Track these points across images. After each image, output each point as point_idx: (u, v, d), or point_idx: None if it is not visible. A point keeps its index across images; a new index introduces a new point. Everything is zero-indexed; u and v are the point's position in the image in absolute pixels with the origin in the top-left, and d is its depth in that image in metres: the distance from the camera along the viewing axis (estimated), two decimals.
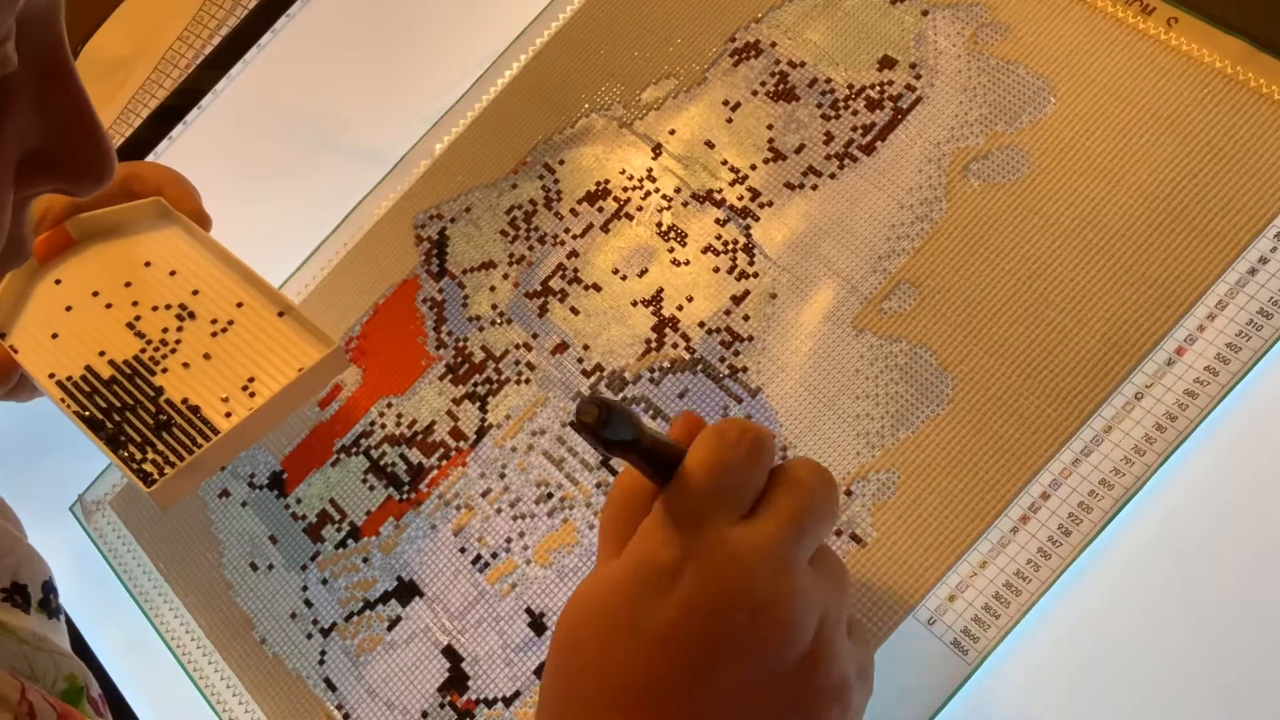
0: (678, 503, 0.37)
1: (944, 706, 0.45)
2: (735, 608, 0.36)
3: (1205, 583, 0.44)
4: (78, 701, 0.48)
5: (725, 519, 0.37)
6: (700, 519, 0.36)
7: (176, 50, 0.77)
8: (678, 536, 0.36)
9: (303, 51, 0.72)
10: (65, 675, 0.49)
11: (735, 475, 0.37)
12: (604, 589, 0.38)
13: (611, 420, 0.34)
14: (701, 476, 0.37)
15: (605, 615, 0.37)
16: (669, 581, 0.36)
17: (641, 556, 0.37)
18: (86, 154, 0.37)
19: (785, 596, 0.36)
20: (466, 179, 0.62)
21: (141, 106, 0.76)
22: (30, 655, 0.48)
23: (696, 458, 0.37)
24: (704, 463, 0.37)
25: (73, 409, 0.52)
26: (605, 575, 0.38)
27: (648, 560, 0.36)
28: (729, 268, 0.55)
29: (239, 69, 0.73)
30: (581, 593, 0.39)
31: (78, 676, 0.49)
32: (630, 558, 0.37)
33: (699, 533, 0.36)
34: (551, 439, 0.55)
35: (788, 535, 0.37)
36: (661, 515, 0.37)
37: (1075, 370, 0.48)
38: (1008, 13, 0.55)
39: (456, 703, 0.52)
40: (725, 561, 0.36)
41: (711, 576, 0.36)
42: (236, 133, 0.71)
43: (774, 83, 0.58)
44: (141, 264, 0.56)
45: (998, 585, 0.46)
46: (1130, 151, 0.50)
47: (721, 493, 0.37)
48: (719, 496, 0.37)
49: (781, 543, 0.37)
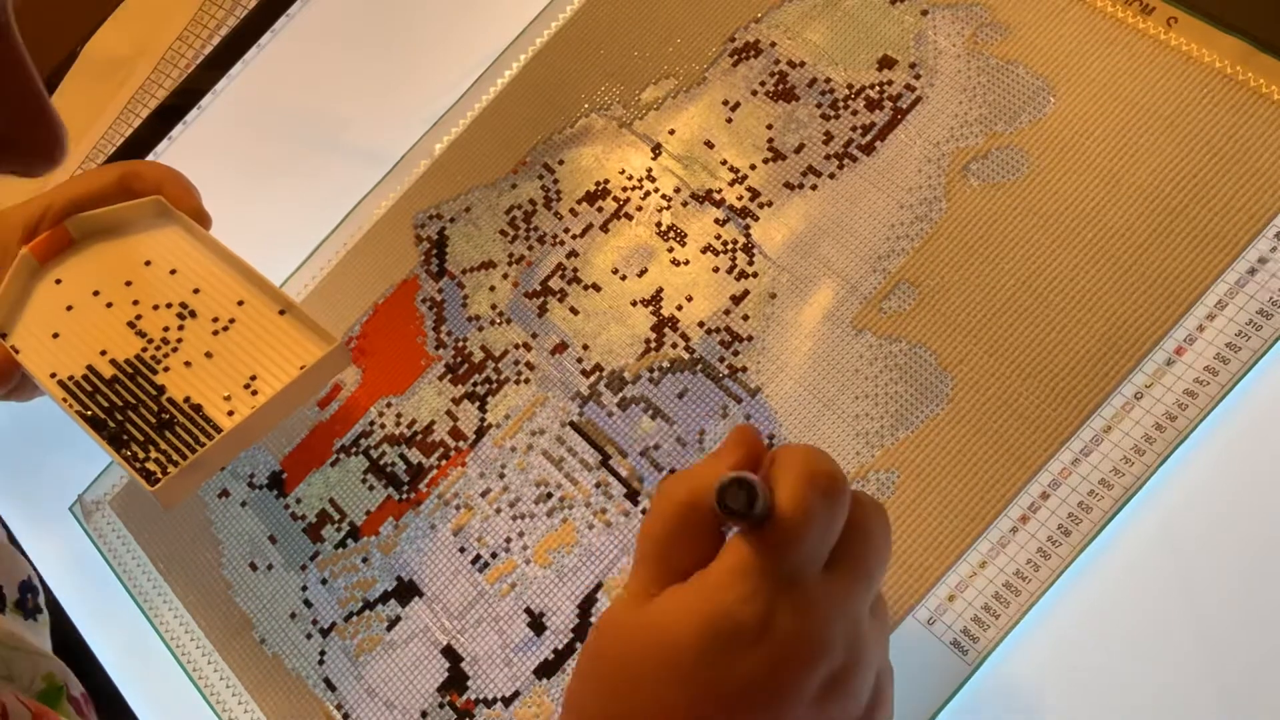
0: (765, 554, 0.34)
1: (944, 706, 0.45)
2: (813, 672, 0.35)
3: (1205, 583, 0.44)
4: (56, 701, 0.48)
5: (810, 574, 0.35)
6: (787, 574, 0.34)
7: (176, 50, 0.77)
8: (763, 592, 0.34)
9: (303, 51, 0.72)
10: (43, 675, 0.49)
11: (827, 530, 0.35)
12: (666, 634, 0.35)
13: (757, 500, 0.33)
14: (795, 530, 0.34)
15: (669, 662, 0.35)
16: (749, 640, 0.34)
17: (721, 609, 0.34)
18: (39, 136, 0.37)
19: (857, 661, 0.36)
20: (466, 179, 0.62)
21: (141, 106, 0.76)
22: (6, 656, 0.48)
23: (789, 509, 0.34)
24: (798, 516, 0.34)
25: (75, 409, 0.52)
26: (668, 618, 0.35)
27: (729, 614, 0.34)
28: (728, 267, 0.55)
29: (239, 69, 0.73)
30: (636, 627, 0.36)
31: (56, 676, 0.49)
32: (706, 607, 0.34)
33: (786, 589, 0.34)
34: (551, 439, 0.55)
35: (862, 591, 0.36)
36: (746, 564, 0.34)
37: (1075, 370, 0.48)
38: (1008, 13, 0.55)
39: (456, 702, 0.52)
40: (809, 625, 0.34)
41: (794, 640, 0.34)
42: (236, 133, 0.71)
43: (774, 83, 0.58)
44: (142, 263, 0.56)
45: (997, 585, 0.46)
46: (1130, 151, 0.50)
47: (813, 549, 0.35)
48: (810, 553, 0.35)
49: (858, 600, 0.36)
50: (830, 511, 0.35)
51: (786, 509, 0.34)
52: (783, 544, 0.34)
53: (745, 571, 0.34)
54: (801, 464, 0.36)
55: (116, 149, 0.75)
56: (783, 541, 0.34)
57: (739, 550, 0.35)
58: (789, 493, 0.35)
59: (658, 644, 0.35)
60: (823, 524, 0.35)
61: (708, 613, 0.34)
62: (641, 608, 0.36)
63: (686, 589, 0.35)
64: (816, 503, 0.35)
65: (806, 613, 0.34)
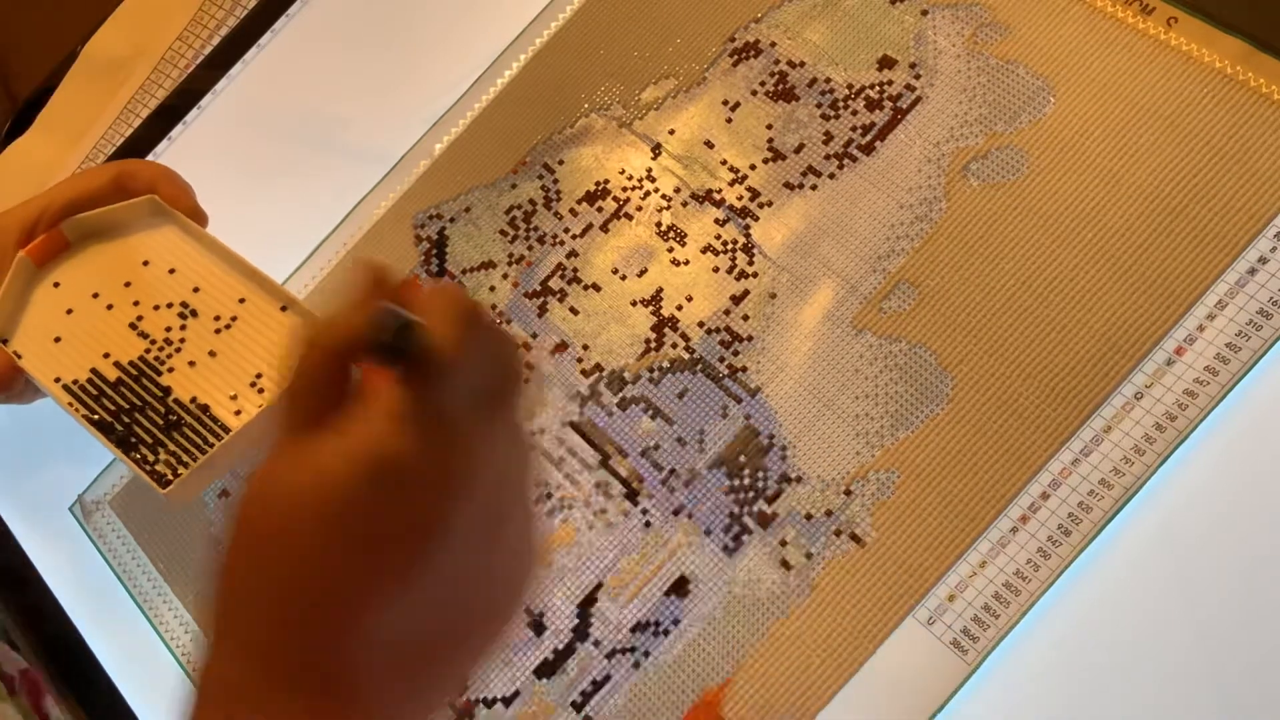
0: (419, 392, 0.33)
1: (944, 706, 0.45)
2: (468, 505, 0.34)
3: (1205, 583, 0.44)
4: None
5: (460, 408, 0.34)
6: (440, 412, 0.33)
7: (176, 50, 0.77)
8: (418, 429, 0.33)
9: (302, 51, 0.72)
10: None
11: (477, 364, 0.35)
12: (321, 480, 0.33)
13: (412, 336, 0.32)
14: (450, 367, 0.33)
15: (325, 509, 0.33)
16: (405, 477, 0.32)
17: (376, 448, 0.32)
18: None
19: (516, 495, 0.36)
20: (466, 179, 0.62)
21: (141, 106, 0.76)
22: None
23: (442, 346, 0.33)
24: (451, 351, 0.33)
25: (81, 413, 0.52)
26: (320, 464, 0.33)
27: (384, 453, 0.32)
28: (728, 267, 0.55)
29: (239, 69, 0.73)
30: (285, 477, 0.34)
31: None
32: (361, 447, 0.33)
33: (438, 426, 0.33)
34: (551, 439, 0.55)
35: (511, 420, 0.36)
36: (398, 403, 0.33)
37: (1075, 370, 0.48)
38: (1007, 13, 0.55)
39: (455, 703, 0.52)
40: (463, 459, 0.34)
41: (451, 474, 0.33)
42: (236, 133, 0.71)
43: (773, 83, 0.58)
44: (140, 263, 0.56)
45: (997, 585, 0.46)
46: (1130, 151, 0.50)
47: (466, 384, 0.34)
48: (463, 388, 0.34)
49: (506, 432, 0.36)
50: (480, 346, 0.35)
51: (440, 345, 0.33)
52: (436, 380, 0.33)
53: (397, 410, 0.33)
54: (448, 301, 0.35)
55: (116, 149, 0.75)
56: (436, 377, 0.33)
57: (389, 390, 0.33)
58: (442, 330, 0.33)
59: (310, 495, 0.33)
60: (474, 359, 0.34)
61: (361, 454, 0.32)
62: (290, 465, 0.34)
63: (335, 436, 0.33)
64: (468, 337, 0.34)
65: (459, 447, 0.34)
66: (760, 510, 0.50)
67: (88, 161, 0.76)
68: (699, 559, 0.50)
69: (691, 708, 0.48)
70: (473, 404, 0.34)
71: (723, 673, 0.48)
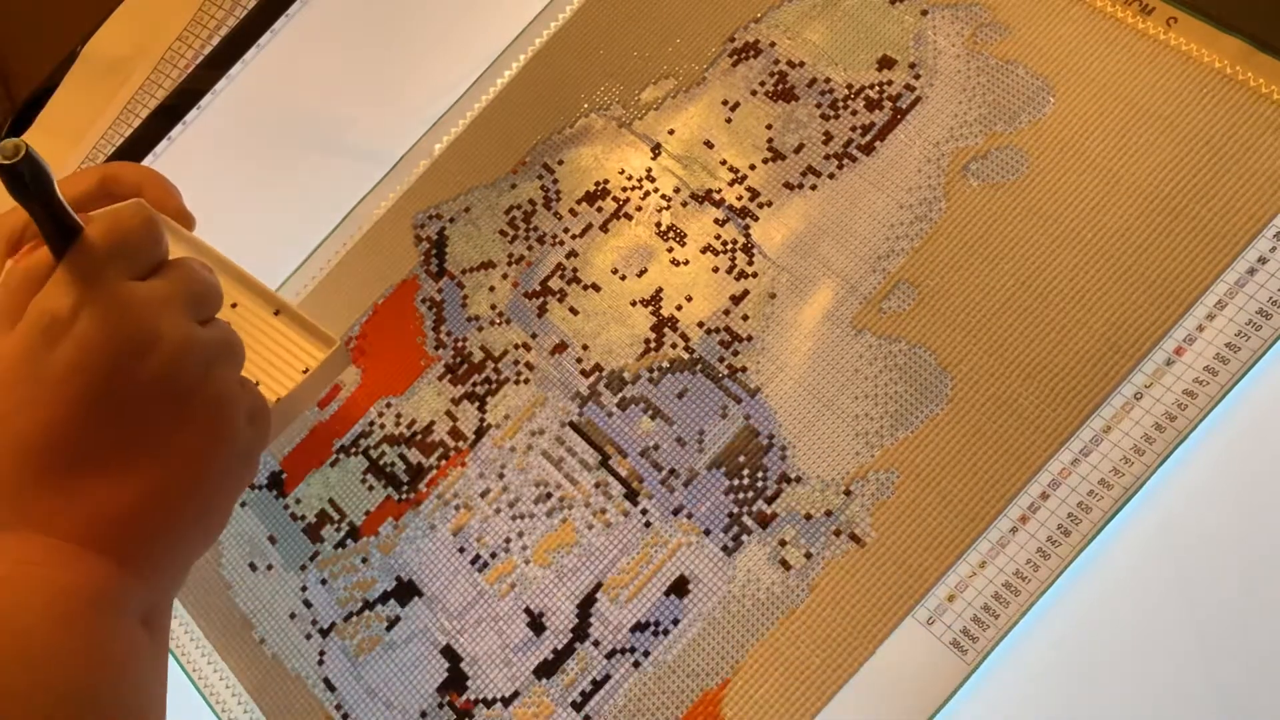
0: (76, 260, 0.39)
1: (944, 706, 0.45)
2: (126, 347, 0.39)
3: (1205, 583, 0.44)
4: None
5: (122, 276, 0.40)
6: (98, 274, 0.39)
7: (176, 50, 0.77)
8: (75, 287, 0.39)
9: (302, 51, 0.72)
10: None
11: (131, 239, 0.41)
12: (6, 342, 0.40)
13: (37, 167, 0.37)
14: (100, 238, 0.40)
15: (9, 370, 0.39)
16: (64, 327, 0.38)
17: (39, 309, 0.39)
18: None
19: (173, 339, 0.40)
20: (466, 179, 0.62)
21: (141, 106, 0.76)
22: None
23: (96, 225, 0.40)
24: (103, 228, 0.40)
25: None
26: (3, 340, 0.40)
27: (45, 310, 0.39)
28: (728, 267, 0.55)
29: (238, 69, 0.73)
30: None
31: None
32: (28, 314, 0.39)
33: (96, 285, 0.39)
34: (550, 439, 0.55)
35: (177, 293, 0.41)
36: (60, 272, 0.39)
37: (1075, 370, 0.48)
38: (1007, 13, 0.55)
39: (455, 703, 0.52)
40: (118, 307, 0.39)
41: (104, 319, 0.39)
42: (236, 133, 0.71)
43: (773, 83, 0.58)
44: None
45: (997, 585, 0.46)
46: (1130, 151, 0.50)
47: (119, 253, 0.40)
48: (117, 256, 0.40)
49: (172, 298, 0.41)
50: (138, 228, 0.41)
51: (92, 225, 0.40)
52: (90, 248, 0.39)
53: (57, 278, 0.39)
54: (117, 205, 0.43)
55: (116, 149, 0.75)
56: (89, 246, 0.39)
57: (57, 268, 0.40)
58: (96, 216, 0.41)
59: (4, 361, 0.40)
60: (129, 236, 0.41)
61: (29, 317, 0.39)
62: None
63: None
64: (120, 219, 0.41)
65: (114, 301, 0.39)
66: (760, 510, 0.50)
67: (88, 162, 0.76)
68: (699, 559, 0.50)
69: (691, 708, 0.48)
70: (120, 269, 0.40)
71: (723, 673, 0.48)
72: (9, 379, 0.39)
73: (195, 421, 0.41)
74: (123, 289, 0.40)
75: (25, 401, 0.39)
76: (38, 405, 0.39)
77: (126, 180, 0.56)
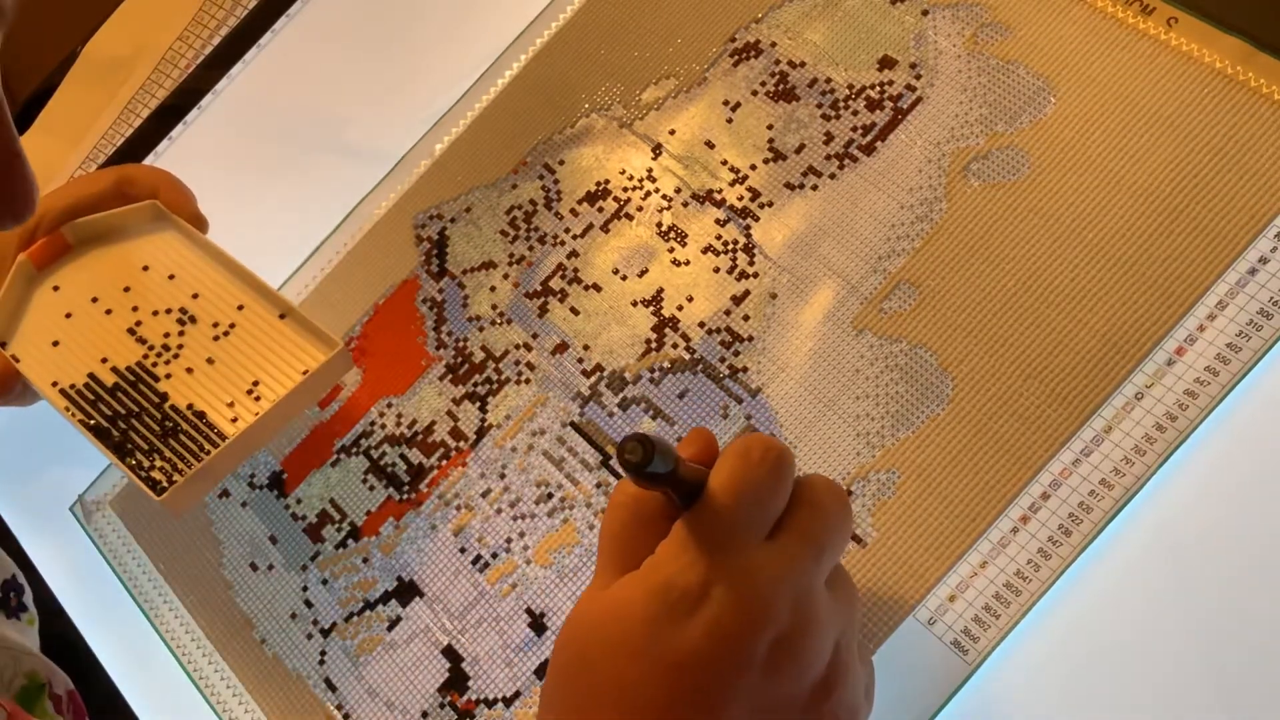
0: (702, 525, 0.36)
1: (944, 706, 0.45)
2: (758, 635, 0.35)
3: (1205, 583, 0.44)
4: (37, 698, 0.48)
5: (750, 542, 0.36)
6: (725, 543, 0.36)
7: (176, 50, 0.77)
8: (702, 560, 0.35)
9: (303, 51, 0.72)
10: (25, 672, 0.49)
11: (760, 497, 0.36)
12: (618, 610, 0.36)
13: (654, 457, 0.34)
14: (727, 499, 0.36)
15: (620, 638, 0.36)
16: (691, 606, 0.35)
17: (663, 580, 0.35)
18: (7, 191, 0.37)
19: (806, 625, 0.36)
20: (466, 179, 0.62)
21: (141, 106, 0.76)
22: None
23: (721, 480, 0.36)
24: (729, 485, 0.36)
25: (78, 418, 0.52)
26: (618, 596, 0.37)
27: (670, 584, 0.35)
28: (729, 268, 0.55)
29: (239, 69, 0.73)
30: (589, 611, 0.38)
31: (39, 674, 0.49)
32: (649, 580, 0.36)
33: (724, 557, 0.35)
34: (551, 439, 0.55)
35: (809, 558, 0.37)
36: (685, 538, 0.36)
37: (1075, 370, 0.48)
38: (1008, 13, 0.55)
39: (456, 703, 0.52)
40: (750, 588, 0.35)
41: (736, 603, 0.35)
42: (237, 133, 0.71)
43: (774, 83, 0.58)
44: (139, 268, 0.56)
45: (998, 585, 0.46)
46: (1130, 151, 0.50)
47: (747, 516, 0.36)
48: (745, 520, 0.36)
49: (804, 567, 0.36)
50: (763, 481, 0.36)
51: (719, 480, 0.36)
52: (717, 513, 0.36)
53: (683, 544, 0.36)
54: (738, 443, 0.37)
55: (116, 149, 0.75)
56: (716, 511, 0.36)
57: (678, 528, 0.36)
58: (723, 466, 0.37)
59: (610, 624, 0.36)
60: (753, 490, 0.36)
61: (650, 585, 0.36)
62: (597, 597, 0.38)
63: (636, 572, 0.37)
64: (747, 471, 0.36)
65: (745, 579, 0.35)
66: None
67: (88, 162, 0.76)
68: None
69: None
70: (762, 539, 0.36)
71: None
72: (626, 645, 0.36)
73: None
74: (754, 560, 0.36)
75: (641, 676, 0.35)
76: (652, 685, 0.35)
77: (142, 182, 0.57)
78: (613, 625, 0.36)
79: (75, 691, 0.52)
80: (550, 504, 0.53)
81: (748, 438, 0.37)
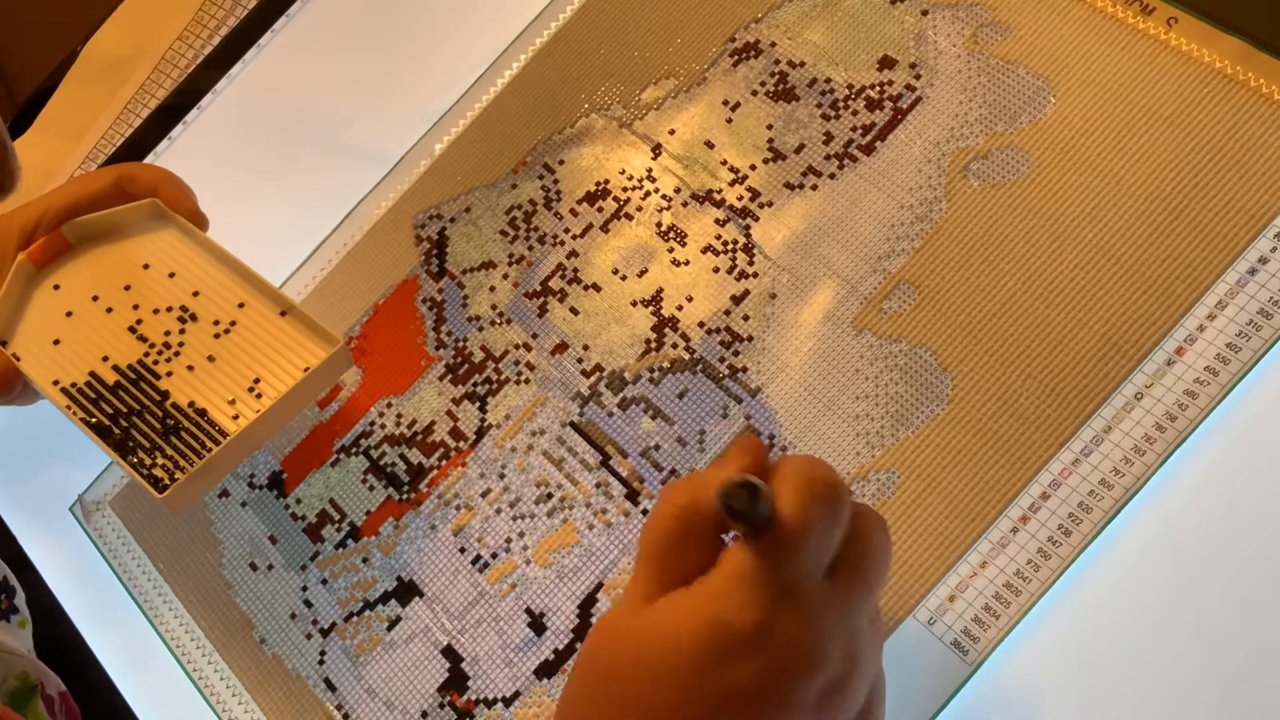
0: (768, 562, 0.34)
1: (944, 706, 0.45)
2: (813, 683, 0.35)
3: (1205, 583, 0.44)
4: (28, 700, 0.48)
5: (810, 583, 0.35)
6: (788, 585, 0.34)
7: (176, 50, 0.77)
8: (763, 599, 0.34)
9: (303, 51, 0.72)
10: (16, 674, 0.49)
11: (825, 542, 0.35)
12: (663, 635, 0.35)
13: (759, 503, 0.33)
14: (796, 540, 0.34)
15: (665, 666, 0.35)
16: (748, 648, 0.34)
17: (719, 614, 0.34)
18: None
19: (854, 668, 0.36)
20: (466, 179, 0.62)
21: (141, 106, 0.76)
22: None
23: (790, 516, 0.34)
24: (799, 524, 0.34)
25: (79, 416, 0.52)
26: (666, 621, 0.35)
27: (727, 622, 0.34)
28: (729, 268, 0.55)
29: (239, 69, 0.73)
30: (631, 628, 0.36)
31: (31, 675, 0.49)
32: (704, 611, 0.34)
33: (785, 600, 0.34)
34: (551, 439, 0.55)
35: (862, 600, 0.36)
36: (745, 572, 0.34)
37: (1075, 370, 0.48)
38: (1008, 13, 0.55)
39: (456, 703, 0.52)
40: (809, 636, 0.34)
41: (793, 650, 0.34)
42: (236, 133, 0.71)
43: (774, 83, 0.58)
44: (140, 266, 0.56)
45: (998, 585, 0.46)
46: (1130, 151, 0.50)
47: (814, 560, 0.35)
48: (810, 563, 0.35)
49: (857, 609, 0.36)
50: (829, 520, 0.35)
51: (787, 516, 0.34)
52: (783, 552, 0.34)
53: (745, 578, 0.34)
54: (802, 472, 0.36)
55: (116, 149, 0.75)
56: (783, 549, 0.34)
57: (739, 557, 0.35)
58: (789, 500, 0.35)
59: (655, 649, 0.35)
60: (822, 532, 0.35)
61: (706, 618, 0.34)
62: (640, 612, 0.36)
63: (686, 594, 0.35)
64: (815, 511, 0.35)
65: (806, 622, 0.34)
66: None
67: (88, 162, 0.76)
68: None
69: None
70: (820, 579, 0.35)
71: None
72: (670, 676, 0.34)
73: None
74: (812, 604, 0.35)
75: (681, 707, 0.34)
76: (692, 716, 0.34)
77: (143, 181, 0.57)
78: (656, 648, 0.35)
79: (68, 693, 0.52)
80: (550, 504, 0.53)
81: (810, 466, 0.36)
